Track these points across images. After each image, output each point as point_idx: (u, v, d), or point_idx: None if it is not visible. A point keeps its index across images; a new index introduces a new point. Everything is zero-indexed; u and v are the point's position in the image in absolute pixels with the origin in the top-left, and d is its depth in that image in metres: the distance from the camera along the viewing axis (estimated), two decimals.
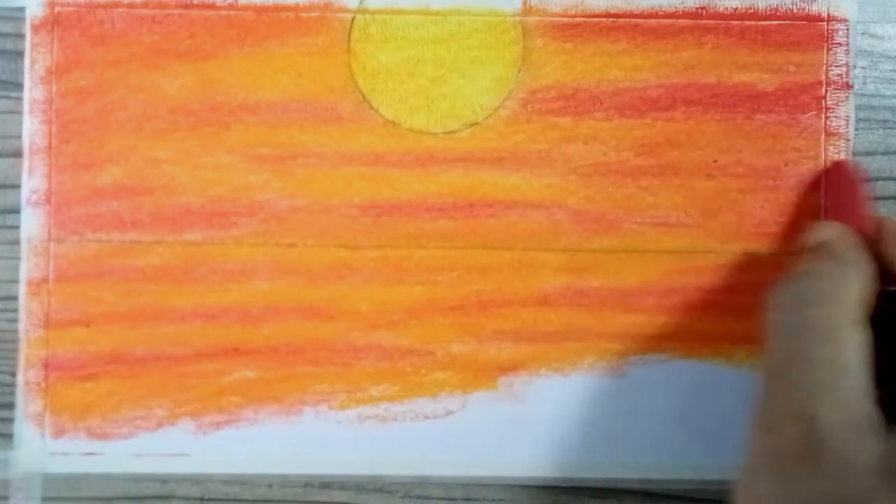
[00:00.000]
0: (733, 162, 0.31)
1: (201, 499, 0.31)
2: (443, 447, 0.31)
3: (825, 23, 0.31)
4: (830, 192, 0.30)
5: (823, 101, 0.31)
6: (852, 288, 0.23)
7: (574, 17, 0.31)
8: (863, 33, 0.32)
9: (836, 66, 0.31)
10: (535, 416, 0.31)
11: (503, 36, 0.31)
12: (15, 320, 0.31)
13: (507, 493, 0.31)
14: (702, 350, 0.31)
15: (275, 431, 0.31)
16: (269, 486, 0.31)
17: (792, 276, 0.24)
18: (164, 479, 0.31)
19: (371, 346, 0.31)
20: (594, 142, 0.31)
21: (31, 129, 0.31)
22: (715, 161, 0.31)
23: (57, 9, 0.31)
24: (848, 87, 0.31)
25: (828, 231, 0.26)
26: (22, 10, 0.31)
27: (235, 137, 0.31)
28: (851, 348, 0.22)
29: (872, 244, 0.26)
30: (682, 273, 0.31)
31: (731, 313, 0.31)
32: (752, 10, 0.31)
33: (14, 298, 0.31)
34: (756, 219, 0.31)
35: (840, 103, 0.31)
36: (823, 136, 0.31)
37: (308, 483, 0.31)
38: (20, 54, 0.31)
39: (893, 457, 0.21)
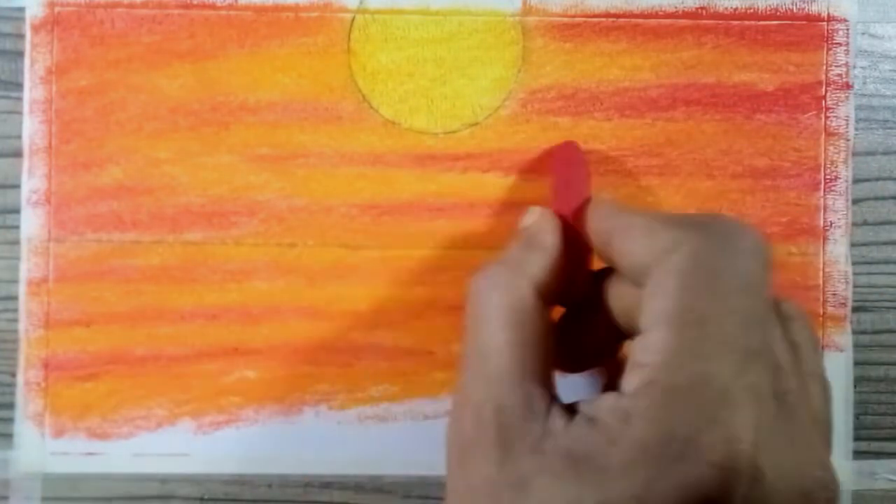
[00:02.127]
0: (733, 162, 0.31)
1: (201, 499, 0.31)
2: (443, 447, 0.31)
3: (825, 23, 0.31)
4: (557, 172, 0.29)
5: (823, 101, 0.31)
6: (531, 273, 0.23)
7: (574, 17, 0.31)
8: (863, 33, 0.32)
9: (836, 66, 0.31)
10: None
11: (503, 36, 0.31)
12: (15, 320, 0.31)
13: None
14: None
15: (275, 431, 0.31)
16: (269, 486, 0.31)
17: (484, 266, 0.24)
18: (164, 479, 0.31)
19: (371, 346, 0.31)
20: (594, 142, 0.31)
21: (31, 129, 0.31)
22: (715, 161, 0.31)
23: (57, 9, 0.31)
24: (848, 87, 0.31)
25: (529, 216, 0.26)
26: (22, 10, 0.31)
27: (235, 137, 0.31)
28: (518, 333, 0.22)
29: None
30: None
31: None
32: (752, 10, 0.31)
33: (14, 298, 0.31)
34: (756, 219, 0.31)
35: (840, 103, 0.31)
36: (823, 136, 0.31)
37: (308, 483, 0.31)
38: (20, 54, 0.31)
39: (548, 439, 0.20)
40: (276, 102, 0.31)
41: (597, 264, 0.26)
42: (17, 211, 0.31)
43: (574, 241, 0.25)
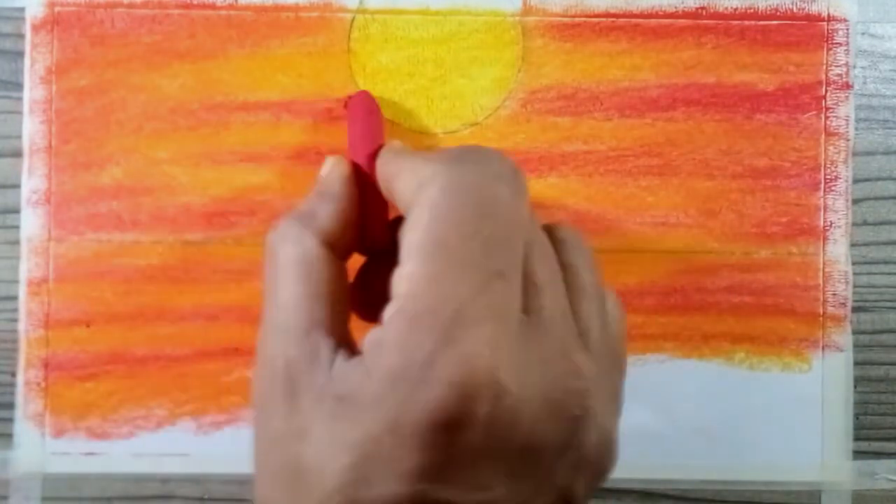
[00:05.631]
0: (733, 162, 0.31)
1: (201, 499, 0.31)
2: None
3: (825, 23, 0.31)
4: (354, 122, 0.28)
5: (823, 101, 0.31)
6: (318, 224, 0.23)
7: (574, 17, 0.31)
8: (863, 33, 0.32)
9: (836, 66, 0.31)
10: None
11: (503, 36, 0.31)
12: (15, 320, 0.31)
13: None
14: (702, 350, 0.31)
15: None
16: None
17: (279, 219, 0.24)
18: (164, 479, 0.31)
19: None
20: (594, 142, 0.31)
21: (31, 129, 0.31)
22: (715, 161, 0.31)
23: (57, 9, 0.31)
24: (848, 87, 0.31)
25: (325, 167, 0.26)
26: (22, 10, 0.31)
27: (235, 137, 0.31)
28: (305, 286, 0.22)
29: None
30: (682, 273, 0.31)
31: (731, 313, 0.31)
32: (752, 10, 0.31)
33: (14, 298, 0.31)
34: (756, 219, 0.31)
35: (840, 103, 0.31)
36: (823, 136, 0.31)
37: None
38: (20, 54, 0.31)
39: (329, 385, 0.21)
40: (276, 102, 0.31)
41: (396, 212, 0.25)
42: (17, 211, 0.31)
43: (371, 189, 0.25)
